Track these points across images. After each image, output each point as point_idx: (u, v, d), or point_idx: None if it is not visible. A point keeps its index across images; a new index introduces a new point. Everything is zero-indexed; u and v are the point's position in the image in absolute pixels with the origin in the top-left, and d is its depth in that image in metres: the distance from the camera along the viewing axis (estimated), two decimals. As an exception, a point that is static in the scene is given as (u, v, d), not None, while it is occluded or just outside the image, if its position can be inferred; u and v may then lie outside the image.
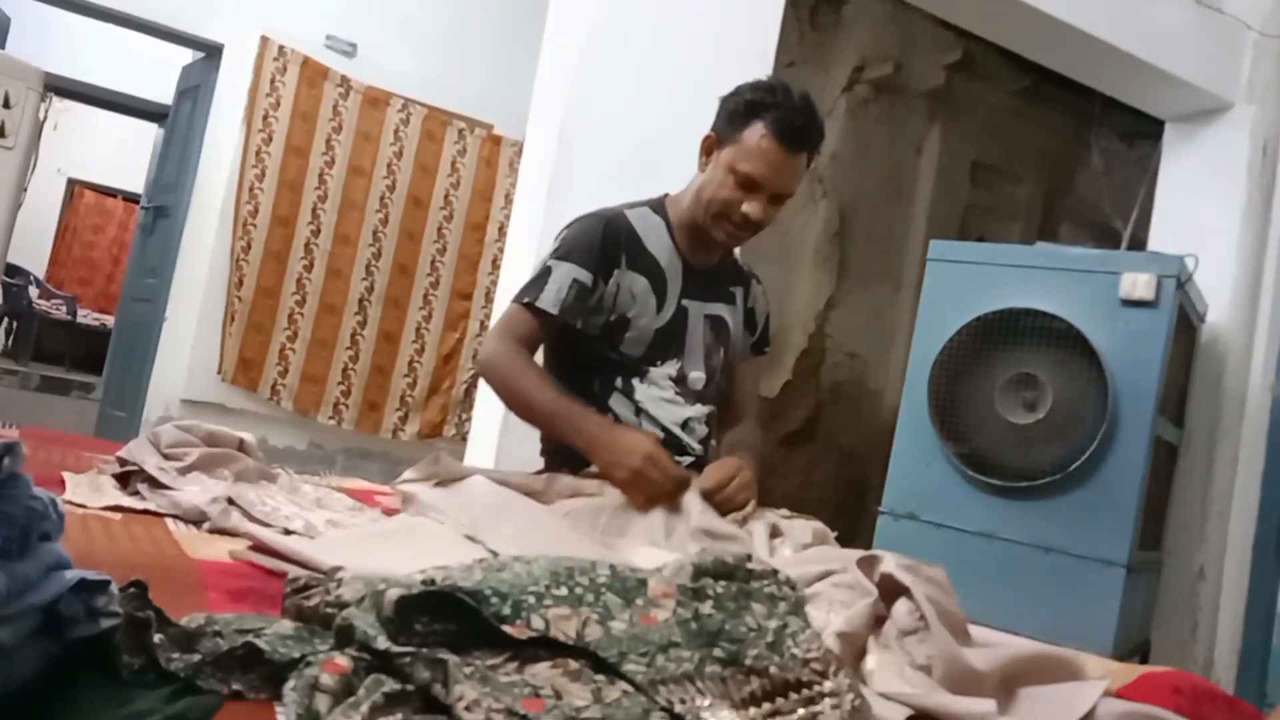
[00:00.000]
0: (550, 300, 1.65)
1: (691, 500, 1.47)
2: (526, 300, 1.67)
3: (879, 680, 0.90)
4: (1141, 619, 2.95)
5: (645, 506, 1.48)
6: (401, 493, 1.47)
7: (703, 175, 1.74)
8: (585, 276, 1.67)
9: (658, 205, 1.81)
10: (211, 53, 4.62)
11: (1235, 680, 3.22)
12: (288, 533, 1.29)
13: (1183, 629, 3.24)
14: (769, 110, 1.65)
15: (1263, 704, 3.01)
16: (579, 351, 1.72)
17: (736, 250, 1.93)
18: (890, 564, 0.99)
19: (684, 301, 1.76)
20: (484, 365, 1.71)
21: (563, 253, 1.69)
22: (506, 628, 0.73)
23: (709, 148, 1.74)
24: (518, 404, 1.67)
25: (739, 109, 1.68)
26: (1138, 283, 2.52)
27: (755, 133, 1.65)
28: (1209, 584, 3.26)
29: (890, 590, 0.98)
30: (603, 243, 1.69)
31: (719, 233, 1.73)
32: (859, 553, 1.09)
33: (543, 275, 1.68)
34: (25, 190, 3.45)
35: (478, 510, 1.34)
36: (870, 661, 0.93)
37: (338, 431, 4.77)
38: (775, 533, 1.45)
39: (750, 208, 1.67)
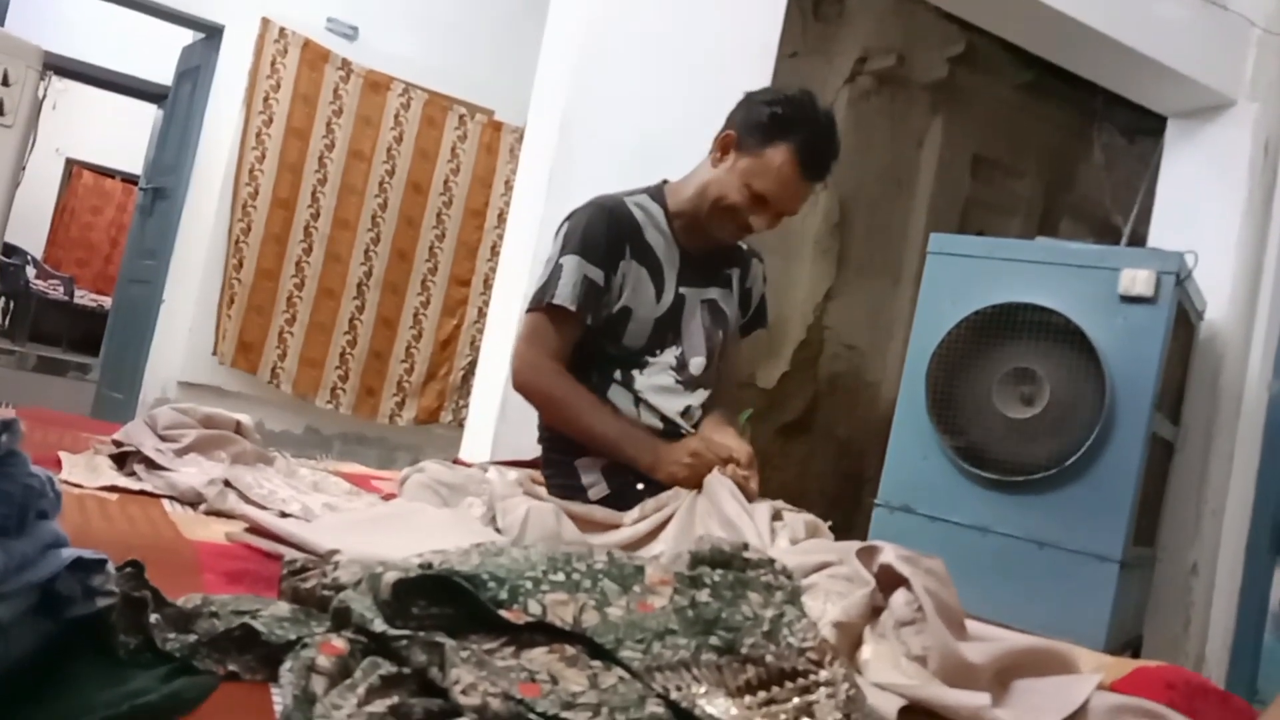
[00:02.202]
0: (568, 296, 1.63)
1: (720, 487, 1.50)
2: (547, 302, 1.64)
3: (874, 671, 0.90)
4: (1134, 614, 2.97)
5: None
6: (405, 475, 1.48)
7: (713, 170, 1.72)
8: (596, 274, 1.65)
9: (656, 192, 1.80)
10: (212, 34, 4.60)
11: (1226, 676, 3.23)
12: (284, 515, 1.29)
13: (1175, 625, 3.25)
14: (796, 132, 1.63)
15: (1253, 700, 3.03)
16: (577, 343, 1.71)
17: None
18: (890, 555, 0.99)
19: (681, 289, 1.75)
20: (525, 387, 1.69)
21: (570, 248, 1.67)
22: (503, 612, 0.73)
23: (726, 146, 1.71)
24: (571, 429, 1.68)
25: (764, 122, 1.65)
26: (1137, 279, 2.52)
27: (779, 155, 1.63)
28: (1202, 580, 3.27)
29: (889, 581, 0.98)
30: (607, 235, 1.68)
31: (719, 231, 1.74)
32: (856, 544, 1.09)
33: (555, 274, 1.66)
34: (24, 169, 3.43)
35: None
36: (866, 651, 0.93)
37: (334, 416, 4.77)
38: (777, 516, 1.46)
39: (756, 222, 1.68)
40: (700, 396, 1.75)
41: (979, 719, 0.85)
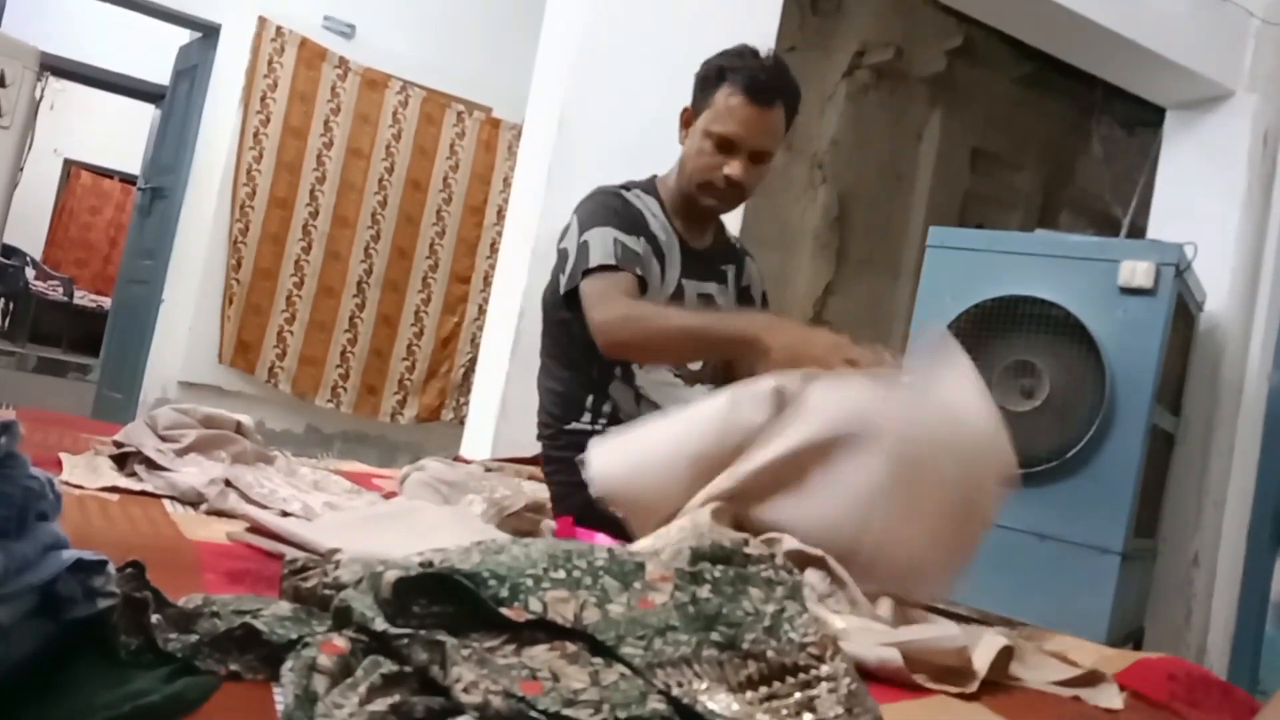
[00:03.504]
0: (609, 255, 1.59)
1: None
2: (591, 266, 1.60)
3: (857, 639, 0.96)
4: (1136, 606, 2.97)
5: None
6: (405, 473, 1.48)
7: (683, 147, 1.76)
8: (625, 238, 1.63)
9: (649, 186, 1.81)
10: (209, 33, 4.59)
11: (1228, 668, 3.23)
12: (285, 515, 1.29)
13: (1176, 616, 3.25)
14: (736, 71, 1.67)
15: (1255, 691, 3.03)
16: (578, 338, 1.70)
17: (734, 229, 1.93)
18: (792, 542, 1.09)
19: (683, 280, 1.76)
20: (608, 334, 1.58)
21: (595, 222, 1.65)
22: (504, 610, 0.73)
23: (686, 120, 1.75)
24: (665, 339, 1.57)
25: (709, 75, 1.70)
26: (1137, 271, 2.52)
27: (724, 94, 1.67)
28: (1203, 572, 3.27)
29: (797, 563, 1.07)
30: (625, 209, 1.70)
31: (706, 200, 1.73)
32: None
33: (583, 249, 1.63)
34: (22, 170, 3.43)
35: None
36: (838, 621, 1.00)
37: (335, 415, 4.77)
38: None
39: (731, 169, 1.68)
40: (699, 392, 1.74)
41: (963, 657, 0.97)
